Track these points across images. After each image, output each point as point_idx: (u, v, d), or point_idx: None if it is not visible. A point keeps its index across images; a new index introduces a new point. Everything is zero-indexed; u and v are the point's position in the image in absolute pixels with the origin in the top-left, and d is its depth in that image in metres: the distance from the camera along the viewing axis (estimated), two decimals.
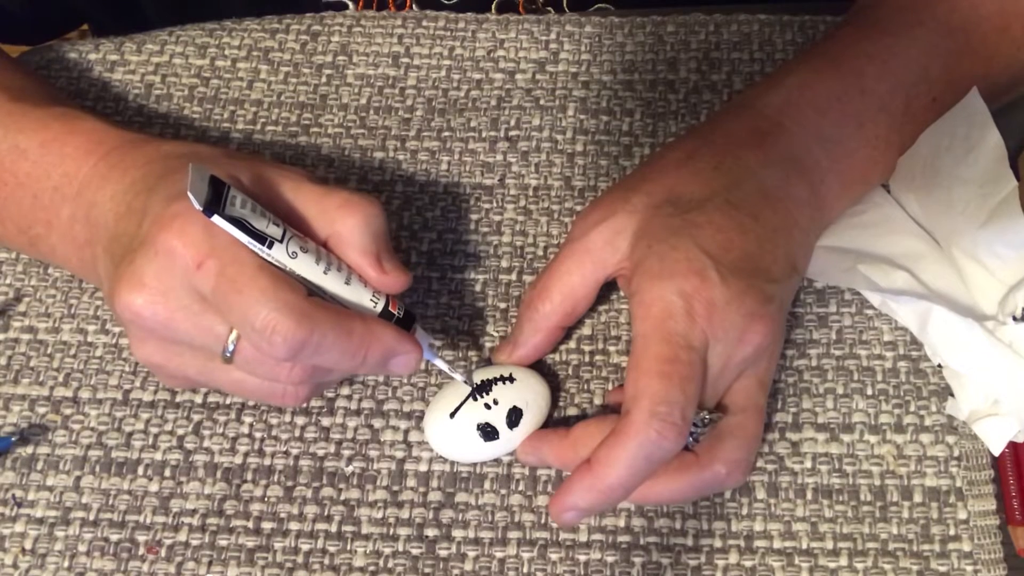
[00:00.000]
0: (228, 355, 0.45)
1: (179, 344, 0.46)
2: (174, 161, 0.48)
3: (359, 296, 0.47)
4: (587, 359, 0.54)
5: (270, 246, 0.44)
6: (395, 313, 0.48)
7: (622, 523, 0.49)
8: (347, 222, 0.47)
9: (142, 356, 0.48)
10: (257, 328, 0.43)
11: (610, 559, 0.49)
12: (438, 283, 0.56)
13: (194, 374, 0.47)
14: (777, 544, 0.49)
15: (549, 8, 0.67)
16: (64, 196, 0.50)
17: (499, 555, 0.49)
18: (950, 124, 0.53)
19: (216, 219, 0.43)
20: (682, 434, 0.45)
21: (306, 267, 0.45)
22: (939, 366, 0.53)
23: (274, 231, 0.45)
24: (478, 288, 0.56)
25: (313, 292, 0.46)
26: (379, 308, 0.47)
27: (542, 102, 0.61)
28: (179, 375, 0.48)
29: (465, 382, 0.50)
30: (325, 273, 0.46)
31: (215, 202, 0.43)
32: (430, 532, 0.49)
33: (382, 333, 0.46)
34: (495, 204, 0.58)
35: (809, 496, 0.50)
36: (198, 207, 0.43)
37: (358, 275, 0.47)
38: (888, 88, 0.54)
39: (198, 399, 0.52)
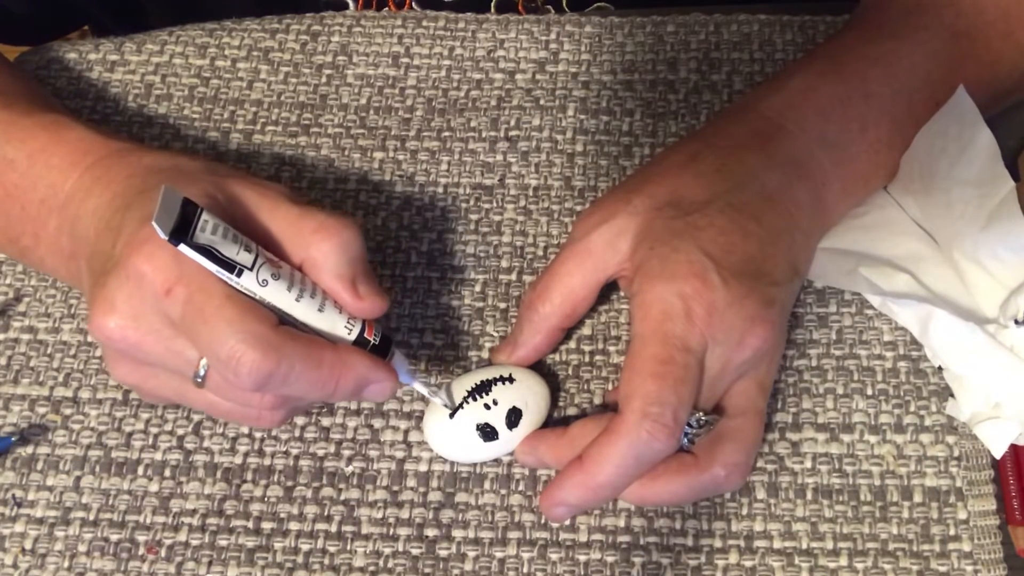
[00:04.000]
0: (199, 380, 0.45)
1: (152, 366, 0.46)
2: (154, 176, 0.48)
3: (333, 323, 0.46)
4: (587, 359, 0.54)
5: (239, 274, 0.43)
6: (371, 340, 0.47)
7: (622, 523, 0.49)
8: (322, 247, 0.46)
9: (118, 376, 0.47)
10: (222, 359, 0.42)
11: (610, 559, 0.49)
12: (438, 283, 0.56)
13: (170, 395, 0.47)
14: (777, 544, 0.49)
15: (549, 8, 0.67)
16: (50, 208, 0.50)
17: (499, 555, 0.49)
18: (942, 124, 0.53)
19: (182, 248, 0.42)
20: (673, 435, 0.45)
21: (277, 295, 0.44)
22: (939, 368, 0.53)
23: (244, 258, 0.44)
24: (478, 288, 0.56)
25: (285, 320, 0.45)
26: (354, 335, 0.46)
27: (542, 102, 0.61)
28: (156, 395, 0.48)
29: (444, 404, 0.50)
30: (297, 300, 0.45)
31: (183, 230, 0.42)
32: (430, 532, 0.49)
33: (354, 362, 0.45)
34: (495, 204, 0.58)
35: (809, 496, 0.50)
36: (163, 236, 0.42)
37: (333, 300, 0.46)
38: (891, 92, 0.54)
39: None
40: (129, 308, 0.44)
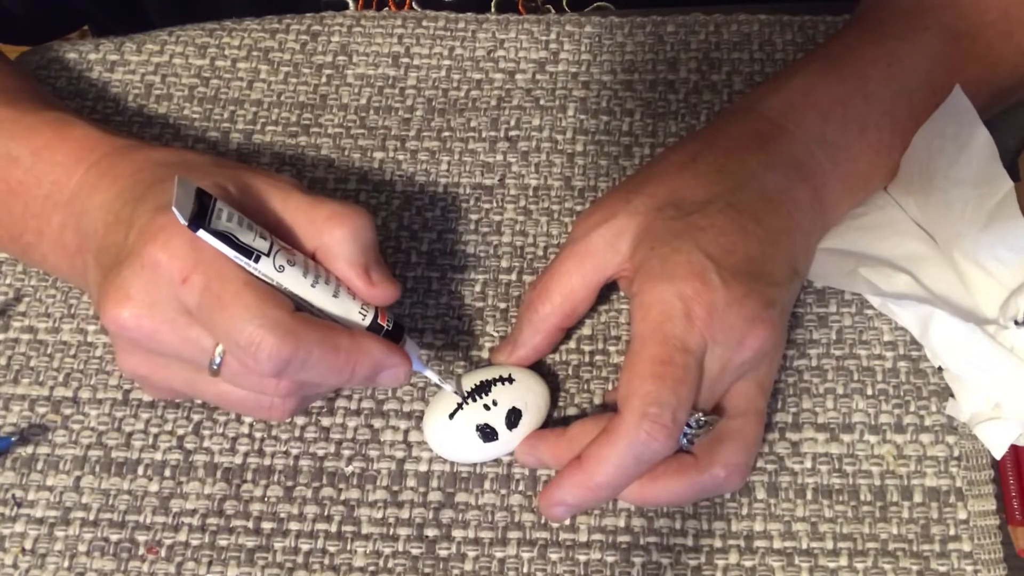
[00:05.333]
0: (215, 368, 0.45)
1: (165, 356, 0.46)
2: (163, 170, 0.48)
3: (347, 309, 0.46)
4: (587, 359, 0.54)
5: (256, 260, 0.44)
6: (384, 325, 0.47)
7: (622, 523, 0.49)
8: (335, 234, 0.46)
9: (127, 368, 0.47)
10: (241, 345, 0.43)
11: (610, 559, 0.49)
12: (438, 283, 0.56)
13: (179, 386, 0.47)
14: (777, 544, 0.49)
15: (549, 8, 0.67)
16: (55, 204, 0.50)
17: (499, 555, 0.49)
18: (939, 124, 0.53)
19: (201, 234, 0.43)
20: (672, 436, 0.45)
21: (293, 280, 0.45)
22: (939, 368, 0.53)
23: (261, 244, 0.44)
24: (478, 288, 0.56)
25: (301, 306, 0.45)
26: (368, 321, 0.47)
27: (542, 102, 0.61)
28: (164, 387, 0.48)
29: (455, 392, 0.50)
30: (313, 286, 0.45)
31: (200, 216, 0.43)
32: (430, 532, 0.49)
33: (370, 347, 0.45)
34: (495, 204, 0.58)
35: (809, 496, 0.50)
36: (183, 222, 0.42)
37: (346, 287, 0.47)
38: (892, 93, 0.54)
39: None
40: (145, 297, 0.44)
